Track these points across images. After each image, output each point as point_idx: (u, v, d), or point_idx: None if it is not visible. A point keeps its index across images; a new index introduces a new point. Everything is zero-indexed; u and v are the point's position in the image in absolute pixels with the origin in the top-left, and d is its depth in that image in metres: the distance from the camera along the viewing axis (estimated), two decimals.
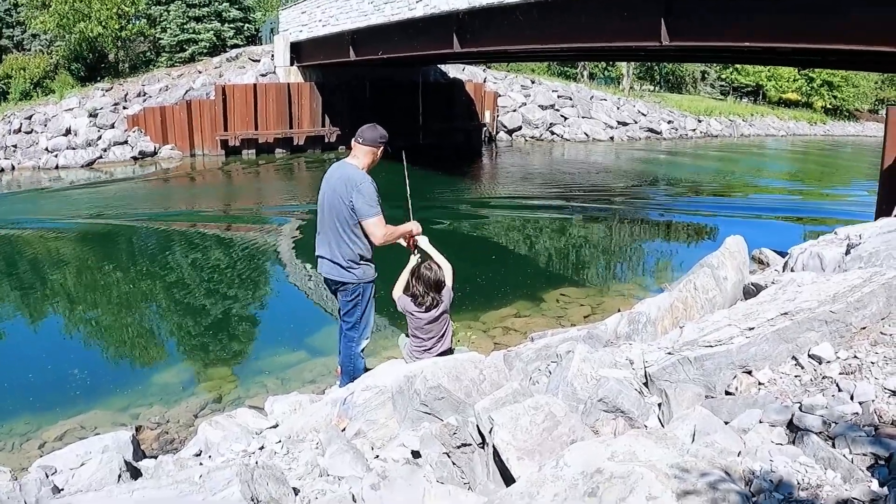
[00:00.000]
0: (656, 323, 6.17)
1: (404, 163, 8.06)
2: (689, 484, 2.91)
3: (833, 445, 3.35)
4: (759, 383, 4.15)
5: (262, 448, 6.23)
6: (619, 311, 12.76)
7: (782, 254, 14.04)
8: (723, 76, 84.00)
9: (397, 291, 7.96)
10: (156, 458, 7.72)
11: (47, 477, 6.29)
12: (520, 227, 22.07)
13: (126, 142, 35.71)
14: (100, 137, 35.30)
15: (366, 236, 7.57)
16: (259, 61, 41.07)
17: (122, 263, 17.39)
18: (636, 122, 54.66)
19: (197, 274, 16.50)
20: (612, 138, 51.70)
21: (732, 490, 2.87)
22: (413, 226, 7.91)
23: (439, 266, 7.73)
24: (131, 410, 9.85)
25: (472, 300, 13.73)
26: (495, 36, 22.00)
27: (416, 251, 7.98)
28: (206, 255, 18.19)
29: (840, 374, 4.02)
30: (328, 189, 7.66)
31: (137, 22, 46.01)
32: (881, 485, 3.06)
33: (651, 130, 54.95)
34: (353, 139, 7.85)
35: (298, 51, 39.66)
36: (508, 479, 3.82)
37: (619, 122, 53.26)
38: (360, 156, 7.68)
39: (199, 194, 29.12)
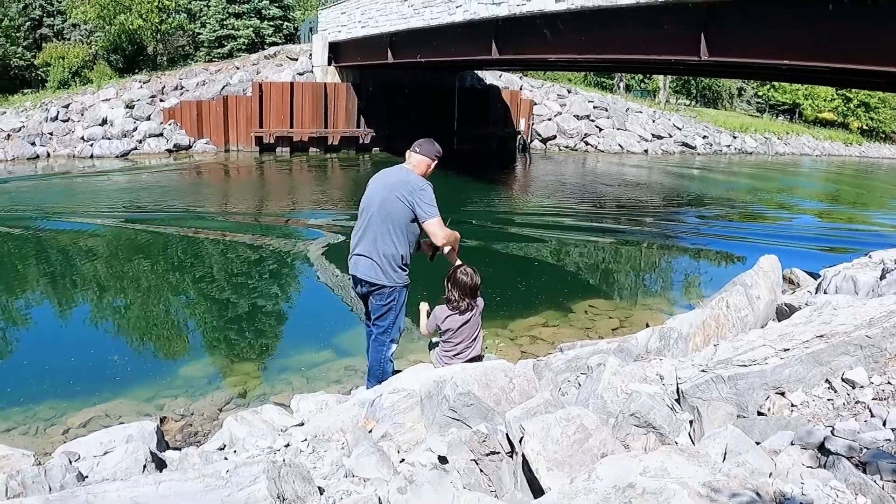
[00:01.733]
0: (688, 339, 6.15)
1: None
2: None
3: (864, 471, 3.34)
4: (792, 405, 4.14)
5: (287, 446, 6.23)
6: (647, 325, 12.79)
7: (814, 275, 13.98)
8: (759, 93, 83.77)
9: (425, 327, 8.00)
10: (179, 449, 7.74)
11: (70, 463, 6.32)
12: (550, 238, 21.97)
13: (161, 134, 35.95)
14: (135, 129, 35.55)
15: (415, 241, 7.72)
16: (297, 60, 41.24)
17: (154, 257, 17.45)
18: (671, 136, 54.46)
19: (226, 270, 16.55)
20: (646, 151, 51.53)
21: None
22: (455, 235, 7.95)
23: (475, 271, 7.75)
24: (156, 401, 9.86)
25: (501, 308, 13.71)
26: (534, 44, 21.99)
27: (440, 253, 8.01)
28: (236, 252, 18.23)
29: (873, 399, 4.00)
30: (380, 189, 7.67)
31: (177, 16, 46.40)
32: None
33: (685, 145, 54.74)
34: (409, 149, 7.92)
35: (336, 51, 39.78)
36: (536, 489, 3.82)
37: (653, 136, 53.08)
38: (416, 163, 7.77)
39: (232, 191, 29.22)
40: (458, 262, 7.88)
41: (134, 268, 16.42)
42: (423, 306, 8.07)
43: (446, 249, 7.85)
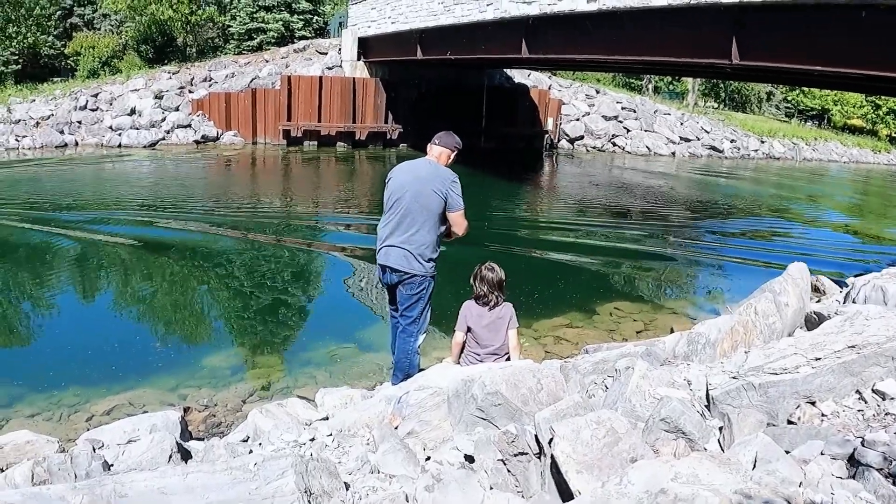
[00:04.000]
0: (716, 345, 6.15)
1: None
2: None
3: (894, 483, 3.34)
4: (822, 415, 4.14)
5: (312, 440, 6.26)
6: (671, 329, 12.80)
7: (840, 283, 13.93)
8: (788, 98, 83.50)
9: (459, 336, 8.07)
10: (203, 440, 7.80)
11: (94, 451, 6.36)
12: (575, 240, 21.96)
13: (189, 125, 36.15)
14: (164, 119, 35.77)
15: (443, 231, 7.95)
16: (326, 54, 41.36)
17: (180, 247, 17.52)
18: (699, 139, 54.29)
19: (251, 263, 16.59)
20: (673, 154, 51.39)
21: None
22: None
23: (499, 266, 7.88)
24: (180, 391, 9.92)
25: (526, 308, 13.72)
26: (564, 43, 21.99)
27: None
28: (262, 248, 18.28)
29: None
30: (413, 181, 7.84)
31: (207, 8, 46.59)
32: None
33: (713, 148, 54.56)
34: (429, 142, 8.21)
35: (365, 46, 39.88)
36: (564, 491, 3.84)
37: (681, 138, 52.94)
38: (438, 155, 8.04)
39: (260, 185, 29.32)
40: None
41: (160, 260, 16.46)
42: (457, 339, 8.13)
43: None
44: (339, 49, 41.36)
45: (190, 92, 37.34)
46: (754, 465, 3.55)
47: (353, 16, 41.29)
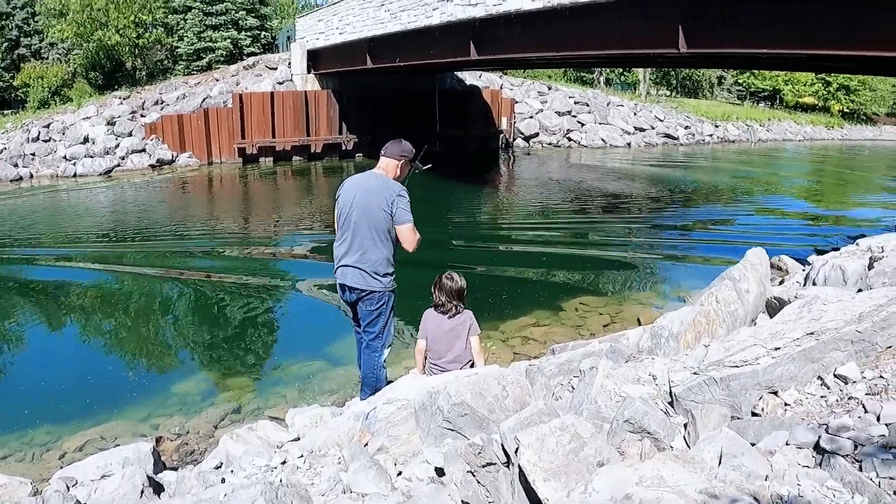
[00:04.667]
0: (679, 337, 6.16)
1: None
2: None
3: (860, 469, 3.33)
4: (786, 404, 4.14)
5: (284, 462, 6.23)
6: (638, 319, 12.84)
7: (803, 261, 14.03)
8: (739, 80, 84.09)
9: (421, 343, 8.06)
10: (176, 469, 7.74)
11: (68, 489, 6.31)
12: (536, 237, 22.02)
13: (144, 150, 35.88)
14: (118, 145, 35.46)
15: (394, 243, 7.73)
16: (276, 69, 41.23)
17: (140, 275, 17.37)
18: (653, 128, 54.59)
19: (215, 287, 16.46)
20: (629, 144, 51.64)
21: None
22: None
23: (459, 275, 7.84)
24: (151, 421, 9.85)
25: (491, 310, 13.74)
26: (512, 43, 22.01)
27: None
28: (224, 266, 18.19)
29: (866, 394, 4.00)
30: (360, 196, 7.72)
31: (154, 30, 46.33)
32: None
33: (668, 136, 54.87)
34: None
35: (315, 58, 39.82)
36: (534, 499, 3.82)
37: (635, 128, 53.20)
38: (386, 167, 7.89)
39: (216, 208, 29.13)
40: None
41: (123, 291, 16.31)
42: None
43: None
44: (289, 63, 41.24)
45: (142, 116, 37.04)
46: (720, 462, 3.53)
47: (300, 29, 41.22)
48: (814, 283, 7.22)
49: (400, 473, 5.25)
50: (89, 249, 19.95)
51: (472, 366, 7.75)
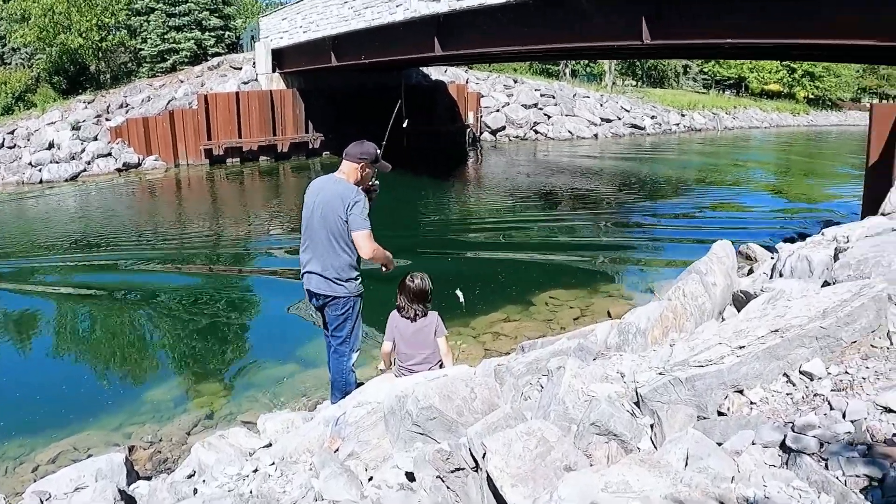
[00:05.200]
0: (646, 333, 6.15)
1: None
2: None
3: (826, 467, 3.32)
4: (751, 403, 4.13)
5: (255, 470, 6.19)
6: (608, 312, 12.90)
7: (771, 249, 14.08)
8: (705, 69, 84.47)
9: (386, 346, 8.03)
10: (150, 478, 7.70)
11: (42, 503, 6.27)
12: (505, 232, 22.04)
13: (110, 154, 35.63)
14: (83, 150, 35.21)
15: (356, 250, 7.60)
16: (241, 69, 41.07)
17: (110, 284, 17.23)
18: (620, 119, 54.83)
19: (185, 293, 16.35)
20: (595, 136, 51.86)
21: None
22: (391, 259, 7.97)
23: (423, 277, 7.79)
24: (124, 429, 9.80)
25: (462, 305, 13.73)
26: (477, 38, 22.01)
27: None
28: (193, 275, 18.11)
29: (832, 390, 4.00)
30: (319, 202, 7.63)
31: (118, 33, 46.02)
32: None
33: (635, 126, 55.13)
34: None
35: (280, 58, 39.70)
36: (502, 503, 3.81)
37: (602, 119, 53.42)
38: (346, 170, 7.73)
39: (183, 213, 28.93)
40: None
41: (92, 300, 16.13)
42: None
43: (384, 269, 7.87)
44: (254, 63, 41.09)
45: (107, 120, 36.78)
46: (686, 463, 3.53)
47: (264, 28, 41.07)
48: (780, 275, 7.23)
49: (371, 479, 5.23)
50: (55, 258, 19.78)
51: (441, 366, 7.73)
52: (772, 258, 10.22)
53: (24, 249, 21.13)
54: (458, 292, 8.63)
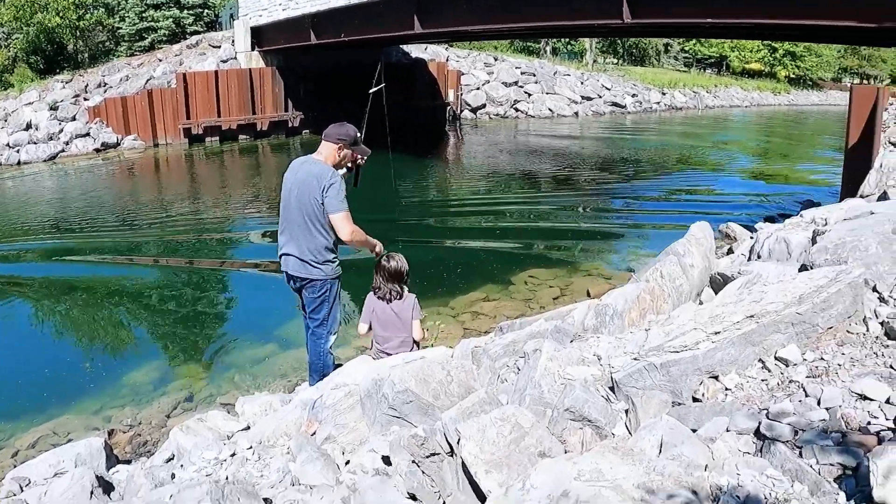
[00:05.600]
0: (623, 315, 6.14)
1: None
2: None
3: (801, 455, 3.31)
4: (726, 389, 4.12)
5: (233, 455, 6.16)
6: (587, 291, 12.92)
7: (750, 227, 14.12)
8: (686, 48, 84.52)
9: (360, 323, 8.00)
10: (129, 462, 7.69)
11: (21, 489, 6.24)
12: (485, 211, 22.03)
13: (88, 134, 35.32)
14: (61, 130, 34.89)
15: (333, 232, 7.54)
16: (219, 47, 40.80)
17: (85, 265, 17.13)
18: (600, 97, 54.85)
19: (162, 275, 16.29)
20: (576, 114, 51.85)
21: None
22: (378, 244, 7.87)
23: (400, 258, 7.75)
24: (103, 413, 9.77)
25: (441, 286, 13.73)
26: (456, 16, 21.96)
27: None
28: (169, 253, 18.03)
29: (807, 377, 3.99)
30: (295, 184, 7.58)
31: (95, 11, 45.53)
32: (848, 498, 3.02)
33: (615, 104, 55.17)
34: None
35: (259, 36, 39.47)
36: (477, 489, 3.80)
37: (583, 97, 53.41)
38: (324, 152, 7.64)
39: (162, 193, 28.80)
40: (380, 248, 7.88)
41: (70, 283, 15.98)
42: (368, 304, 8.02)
43: (378, 250, 7.83)
44: (233, 41, 40.83)
45: (85, 100, 36.47)
46: (660, 451, 3.52)
47: (243, 6, 40.79)
48: (758, 256, 7.24)
49: (348, 462, 5.22)
50: (32, 240, 19.66)
51: (419, 348, 7.73)
52: (751, 238, 10.25)
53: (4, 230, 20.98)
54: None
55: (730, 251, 10.80)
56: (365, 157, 8.04)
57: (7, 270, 16.89)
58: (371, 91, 8.45)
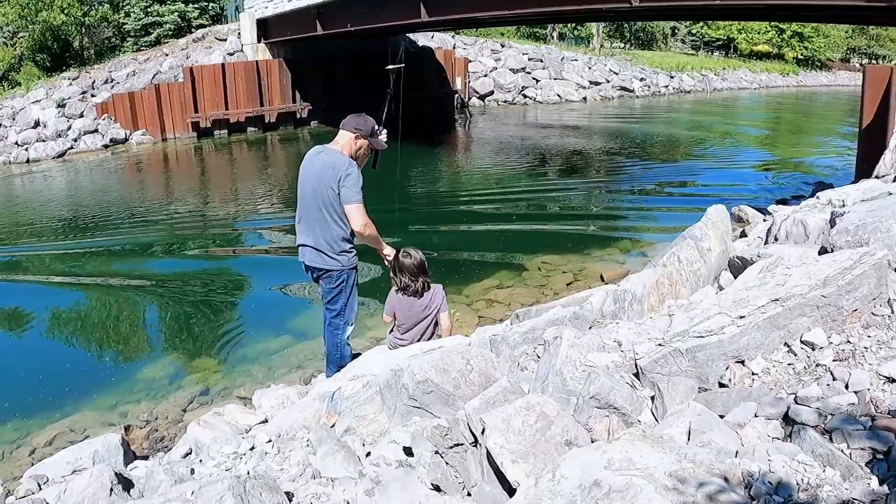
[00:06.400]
0: (642, 300, 6.12)
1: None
2: (688, 496, 2.85)
3: (830, 440, 3.29)
4: (753, 373, 4.09)
5: (252, 448, 6.14)
6: (601, 276, 12.88)
7: (763, 210, 14.06)
8: (693, 31, 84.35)
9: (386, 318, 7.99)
10: (147, 458, 7.66)
11: (40, 487, 6.23)
12: (496, 198, 21.99)
13: (96, 130, 35.32)
14: (69, 127, 34.89)
15: (349, 222, 7.52)
16: (226, 40, 40.77)
17: (102, 260, 17.11)
18: (608, 81, 54.78)
19: (176, 268, 16.27)
20: (584, 99, 51.79)
21: (732, 501, 2.82)
22: (391, 251, 7.84)
23: (415, 250, 7.70)
24: (119, 409, 9.74)
25: (455, 274, 13.71)
26: (463, 3, 21.89)
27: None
28: (182, 246, 18.01)
29: (834, 360, 3.96)
30: (311, 174, 7.58)
31: (100, 7, 45.52)
32: (881, 482, 2.99)
33: (623, 89, 55.06)
34: None
35: (265, 27, 39.43)
36: (503, 479, 3.78)
37: (591, 82, 53.34)
38: (341, 141, 7.66)
39: (172, 188, 28.77)
40: (389, 251, 7.82)
41: (83, 278, 15.92)
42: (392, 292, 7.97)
43: (387, 255, 7.81)
44: (239, 33, 40.81)
45: (92, 96, 36.44)
46: (689, 437, 3.49)
47: None
48: (776, 239, 7.20)
49: (369, 454, 5.20)
50: (44, 239, 19.63)
51: (436, 328, 7.71)
52: (764, 220, 10.20)
53: (10, 233, 20.93)
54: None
55: (743, 234, 10.74)
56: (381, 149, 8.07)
57: (20, 267, 16.89)
58: (389, 68, 8.43)
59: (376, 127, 7.87)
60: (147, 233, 19.43)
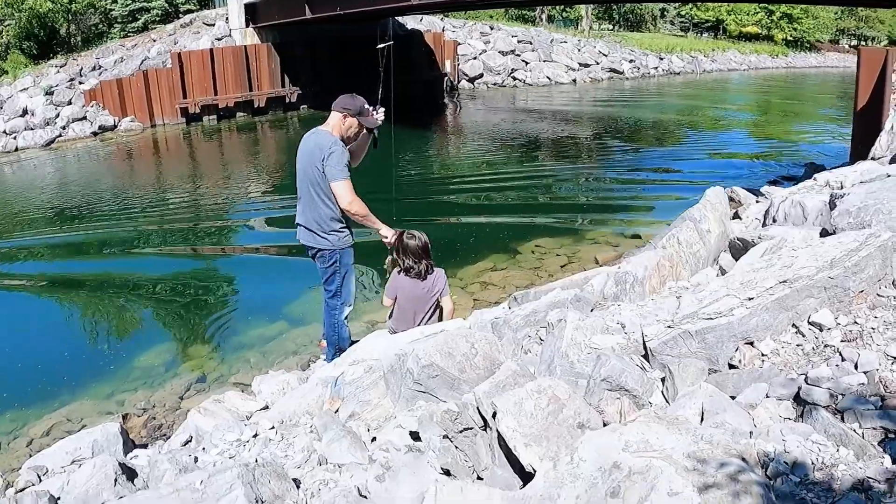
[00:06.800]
0: (644, 282, 6.15)
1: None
2: (708, 476, 2.88)
3: (842, 419, 3.32)
4: (763, 354, 4.12)
5: (255, 435, 6.14)
6: (595, 259, 12.90)
7: (754, 191, 14.10)
8: (682, 12, 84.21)
9: (385, 297, 7.98)
10: (146, 447, 7.65)
11: (40, 479, 6.22)
12: (488, 181, 21.98)
13: (85, 117, 35.12)
14: (58, 115, 34.70)
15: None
16: (214, 25, 40.58)
17: (93, 249, 17.08)
18: (598, 63, 54.80)
19: (169, 254, 16.24)
20: (574, 81, 51.78)
21: (753, 480, 2.84)
22: (388, 232, 7.84)
23: (420, 233, 7.70)
24: (116, 397, 9.70)
25: (449, 257, 13.70)
26: None
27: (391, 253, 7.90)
28: (173, 234, 17.96)
29: (842, 341, 3.99)
30: (302, 155, 7.70)
31: None
32: (894, 461, 3.04)
33: (613, 70, 55.10)
34: None
35: (253, 12, 39.23)
36: (515, 463, 3.80)
37: (580, 64, 53.35)
38: (331, 122, 7.75)
39: (163, 175, 28.70)
40: (386, 231, 7.81)
41: (74, 267, 15.94)
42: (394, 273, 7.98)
43: (385, 235, 7.81)
44: (227, 18, 40.57)
45: (80, 83, 36.21)
46: (702, 418, 3.52)
47: None
48: (774, 220, 7.23)
49: (374, 439, 5.20)
50: (35, 229, 19.55)
51: (440, 319, 7.72)
52: (757, 202, 10.23)
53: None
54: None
55: (736, 215, 10.79)
56: (376, 128, 8.09)
57: (12, 253, 16.85)
58: (380, 47, 8.45)
59: (366, 105, 7.92)
60: (138, 221, 19.34)
